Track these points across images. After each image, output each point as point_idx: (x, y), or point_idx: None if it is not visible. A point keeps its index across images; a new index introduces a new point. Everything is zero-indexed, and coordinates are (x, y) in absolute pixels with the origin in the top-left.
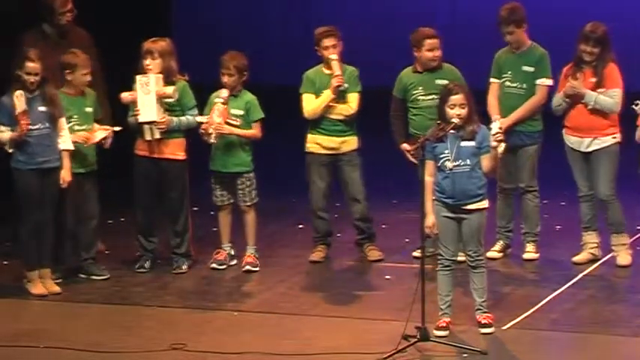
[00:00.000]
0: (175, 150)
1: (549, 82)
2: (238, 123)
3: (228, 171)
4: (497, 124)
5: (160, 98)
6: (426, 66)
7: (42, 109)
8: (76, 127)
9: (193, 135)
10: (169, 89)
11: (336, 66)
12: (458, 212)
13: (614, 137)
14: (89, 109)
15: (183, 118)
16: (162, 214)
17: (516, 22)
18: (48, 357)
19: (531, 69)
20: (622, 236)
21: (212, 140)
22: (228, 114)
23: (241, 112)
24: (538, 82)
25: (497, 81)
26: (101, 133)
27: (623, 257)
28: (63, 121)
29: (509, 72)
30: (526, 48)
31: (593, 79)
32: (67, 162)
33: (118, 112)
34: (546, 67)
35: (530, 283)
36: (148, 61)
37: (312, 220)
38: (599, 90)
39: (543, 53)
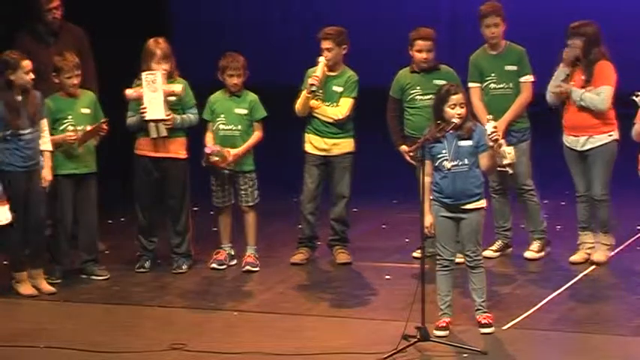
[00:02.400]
0: (178, 149)
1: (532, 78)
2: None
3: (229, 168)
4: (491, 124)
5: (168, 96)
6: (418, 67)
7: (26, 113)
8: (71, 128)
9: (194, 135)
10: (178, 87)
11: (319, 67)
12: (456, 212)
13: (610, 135)
14: (86, 111)
15: (185, 116)
16: (163, 213)
17: (502, 17)
18: (48, 357)
19: (514, 68)
20: (606, 236)
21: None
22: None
23: (245, 112)
24: (522, 79)
25: (479, 85)
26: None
27: (600, 254)
28: (44, 122)
29: (493, 74)
30: (503, 48)
31: (584, 77)
32: (47, 161)
33: (116, 110)
34: (527, 64)
35: (530, 283)
36: (155, 64)
37: (300, 221)
38: (588, 88)
39: (522, 51)
